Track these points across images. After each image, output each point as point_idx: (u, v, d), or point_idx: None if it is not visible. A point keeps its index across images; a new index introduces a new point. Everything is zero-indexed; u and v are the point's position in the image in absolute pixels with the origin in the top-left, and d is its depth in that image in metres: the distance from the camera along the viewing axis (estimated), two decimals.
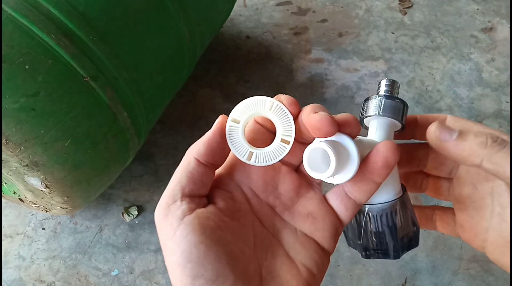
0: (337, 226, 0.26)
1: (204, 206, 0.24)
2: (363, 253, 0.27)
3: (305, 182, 0.27)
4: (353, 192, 0.25)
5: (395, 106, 0.28)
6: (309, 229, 0.26)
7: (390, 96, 0.28)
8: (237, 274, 0.22)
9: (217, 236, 0.22)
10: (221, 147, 0.25)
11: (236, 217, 0.24)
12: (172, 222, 0.22)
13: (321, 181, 0.27)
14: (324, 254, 0.26)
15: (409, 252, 0.23)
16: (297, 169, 0.27)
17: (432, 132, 0.25)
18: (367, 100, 0.29)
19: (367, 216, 0.26)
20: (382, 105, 0.27)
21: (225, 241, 0.23)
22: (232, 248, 0.23)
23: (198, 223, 0.22)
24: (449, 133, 0.24)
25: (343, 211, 0.26)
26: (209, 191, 0.26)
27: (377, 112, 0.28)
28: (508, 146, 0.22)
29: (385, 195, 0.26)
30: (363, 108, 0.29)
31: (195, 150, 0.25)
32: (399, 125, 0.28)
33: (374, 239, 0.26)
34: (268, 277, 0.24)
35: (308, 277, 0.24)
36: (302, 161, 0.25)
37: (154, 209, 0.25)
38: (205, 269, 0.21)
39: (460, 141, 0.23)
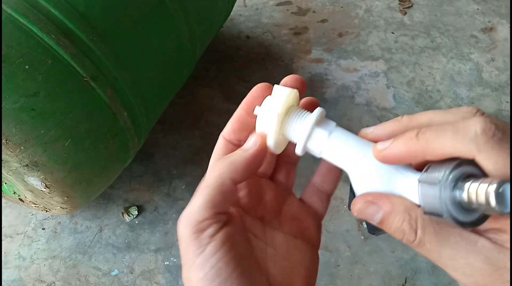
0: (319, 220, 0.29)
1: (228, 222, 0.24)
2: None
3: (282, 189, 0.29)
4: (323, 185, 0.29)
5: (448, 221, 0.20)
6: (297, 231, 0.28)
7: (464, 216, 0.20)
8: None
9: (241, 252, 0.24)
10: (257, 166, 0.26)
11: (232, 230, 0.26)
12: (203, 239, 0.22)
13: (292, 184, 0.30)
14: (313, 250, 0.28)
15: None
16: (272, 178, 0.30)
17: (354, 215, 0.24)
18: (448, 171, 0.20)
19: None
20: (434, 213, 0.20)
21: (245, 256, 0.24)
22: (249, 262, 0.24)
23: (228, 239, 0.23)
24: (371, 220, 0.23)
25: (319, 204, 0.29)
26: None
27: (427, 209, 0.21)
28: (422, 245, 0.21)
29: None
30: (438, 172, 0.20)
31: (230, 170, 0.24)
32: None
33: None
34: (276, 284, 0.25)
35: (306, 275, 0.26)
36: (275, 170, 0.29)
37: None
38: (231, 283, 0.22)
39: (380, 226, 0.23)
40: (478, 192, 0.18)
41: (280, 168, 0.30)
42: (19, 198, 0.72)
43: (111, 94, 0.61)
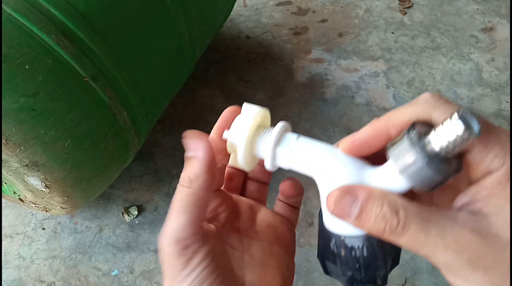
0: (292, 228, 0.31)
1: (208, 236, 0.25)
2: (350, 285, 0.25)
3: (255, 201, 0.31)
4: (289, 200, 0.31)
5: (432, 178, 0.20)
6: (273, 237, 0.29)
7: (437, 161, 0.20)
8: None
9: (221, 263, 0.25)
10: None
11: (213, 243, 0.27)
12: (187, 254, 0.23)
13: (265, 199, 0.32)
14: (289, 257, 0.29)
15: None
16: (245, 196, 0.31)
17: (331, 210, 0.22)
18: (411, 134, 0.20)
19: (360, 249, 0.24)
20: (416, 171, 0.20)
21: (225, 267, 0.25)
22: (228, 273, 0.25)
23: (210, 252, 0.24)
24: (348, 214, 0.22)
25: (290, 215, 0.31)
26: None
27: (405, 177, 0.21)
28: (407, 227, 0.20)
29: None
30: (401, 138, 0.21)
31: (200, 182, 0.25)
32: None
33: (364, 270, 0.24)
34: None
35: (282, 281, 0.27)
36: (248, 189, 0.31)
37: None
38: None
39: (358, 223, 0.21)
40: (446, 129, 0.19)
41: (252, 187, 0.31)
42: (19, 198, 0.72)
43: (111, 94, 0.61)
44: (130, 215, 0.88)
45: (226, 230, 0.28)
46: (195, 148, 0.25)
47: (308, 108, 1.04)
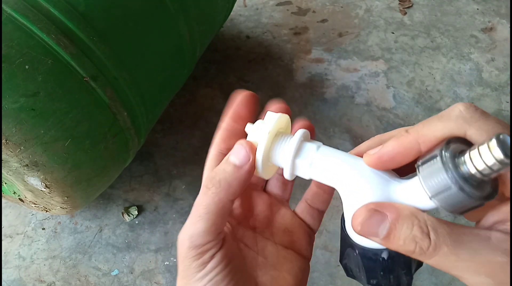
0: (310, 234, 0.30)
1: (225, 240, 0.25)
2: None
3: (275, 200, 0.30)
4: (314, 202, 0.29)
5: (464, 203, 0.19)
6: (288, 242, 0.28)
7: (472, 186, 0.18)
8: None
9: (236, 265, 0.25)
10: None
11: (229, 246, 0.26)
12: (205, 259, 0.24)
13: (288, 197, 0.30)
14: (304, 261, 0.28)
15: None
16: (265, 189, 0.30)
17: (357, 231, 0.21)
18: (445, 156, 0.19)
19: (384, 260, 0.23)
20: (447, 196, 0.19)
21: (239, 269, 0.25)
22: (242, 274, 0.25)
23: (225, 256, 0.24)
24: (375, 234, 0.21)
25: (311, 220, 0.30)
26: None
27: (438, 203, 0.20)
28: (438, 249, 0.19)
29: None
30: (433, 157, 0.20)
31: (229, 192, 0.24)
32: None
33: (388, 278, 0.24)
34: None
35: (296, 283, 0.27)
36: (271, 182, 0.30)
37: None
38: None
39: (386, 243, 0.21)
40: (482, 155, 0.17)
41: (277, 181, 0.30)
42: (19, 198, 0.72)
43: (111, 94, 0.61)
44: (130, 215, 0.88)
45: (241, 227, 0.28)
46: (243, 157, 0.24)
47: (308, 108, 1.04)
